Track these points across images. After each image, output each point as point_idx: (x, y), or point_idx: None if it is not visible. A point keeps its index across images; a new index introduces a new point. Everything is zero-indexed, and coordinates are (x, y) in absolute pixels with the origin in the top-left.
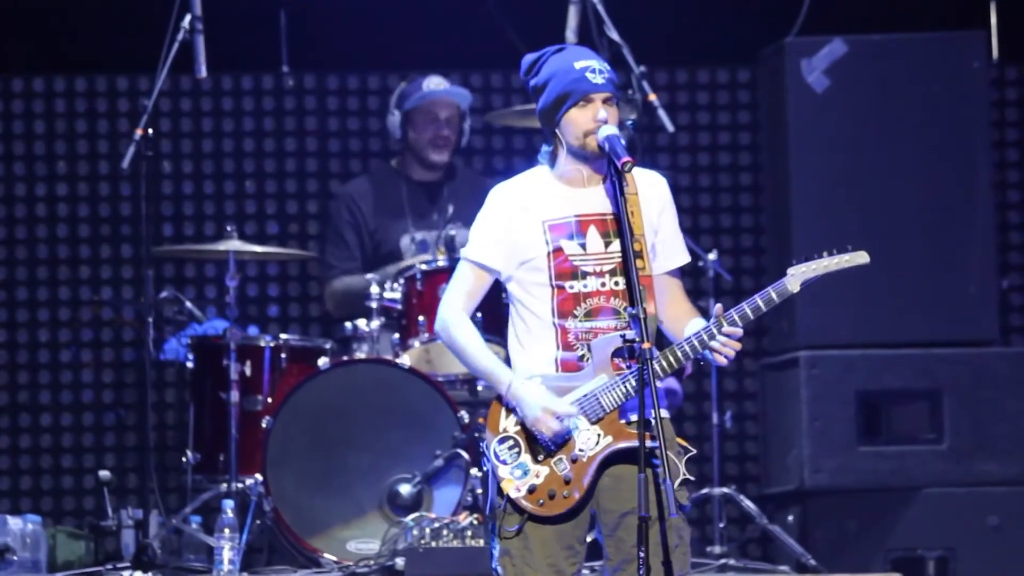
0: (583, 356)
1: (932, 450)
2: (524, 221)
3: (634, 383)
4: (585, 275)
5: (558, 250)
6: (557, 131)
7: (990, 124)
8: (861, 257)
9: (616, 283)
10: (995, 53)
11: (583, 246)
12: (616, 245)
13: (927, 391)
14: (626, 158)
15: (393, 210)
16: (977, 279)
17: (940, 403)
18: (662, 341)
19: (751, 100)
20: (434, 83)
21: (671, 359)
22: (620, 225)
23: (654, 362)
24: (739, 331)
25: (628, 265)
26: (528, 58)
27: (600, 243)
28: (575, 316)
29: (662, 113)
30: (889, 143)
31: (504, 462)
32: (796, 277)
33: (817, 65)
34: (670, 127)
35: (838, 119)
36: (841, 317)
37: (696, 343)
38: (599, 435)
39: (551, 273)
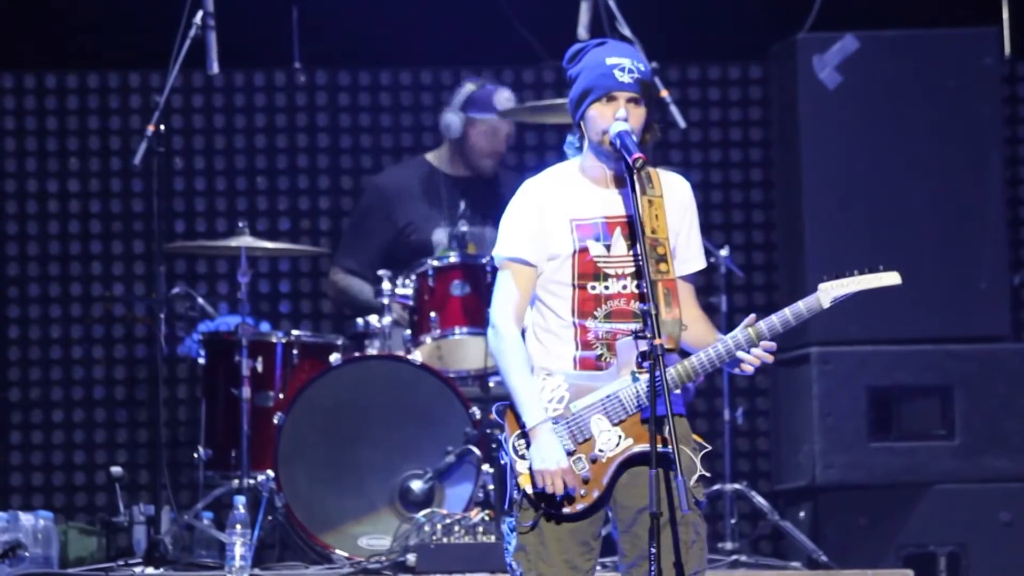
0: (601, 356)
1: (943, 446)
2: (553, 217)
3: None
4: (607, 277)
5: (583, 250)
6: (581, 124)
7: (1002, 120)
8: (892, 278)
9: (638, 286)
10: (1007, 49)
11: (608, 248)
12: (639, 247)
13: (938, 387)
14: (637, 154)
15: (428, 204)
16: (989, 275)
17: (951, 399)
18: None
19: (763, 96)
20: (505, 99)
21: (695, 365)
22: (632, 224)
23: (670, 368)
24: (774, 345)
25: (641, 263)
26: (572, 47)
27: (624, 246)
28: (595, 317)
29: (674, 109)
30: (901, 139)
31: (523, 457)
32: (827, 293)
33: (829, 61)
34: (681, 123)
35: (850, 115)
36: (852, 313)
37: (724, 352)
38: (620, 436)
39: (574, 272)
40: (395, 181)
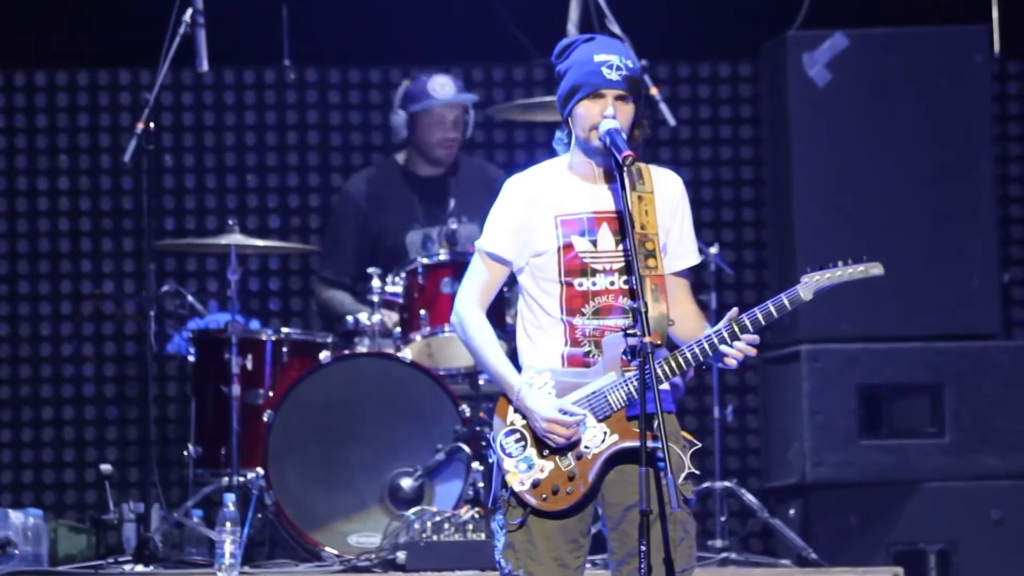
0: (589, 352)
1: (934, 444)
2: (537, 214)
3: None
4: (594, 272)
5: (568, 246)
6: (569, 121)
7: (992, 118)
8: (875, 268)
9: (626, 282)
10: (997, 47)
11: (594, 243)
12: (627, 243)
13: (929, 385)
14: (627, 152)
15: (399, 206)
16: (979, 273)
17: (942, 397)
18: (669, 343)
19: (753, 94)
20: (439, 85)
21: (680, 361)
22: (622, 220)
23: (659, 364)
24: (756, 338)
25: (630, 259)
26: (561, 43)
27: (611, 241)
28: (583, 314)
29: (664, 107)
30: (891, 137)
31: (510, 455)
32: (809, 285)
33: (819, 59)
34: (672, 121)
35: (840, 113)
36: (843, 310)
37: (707, 346)
38: (605, 433)
39: (560, 269)
40: (365, 186)
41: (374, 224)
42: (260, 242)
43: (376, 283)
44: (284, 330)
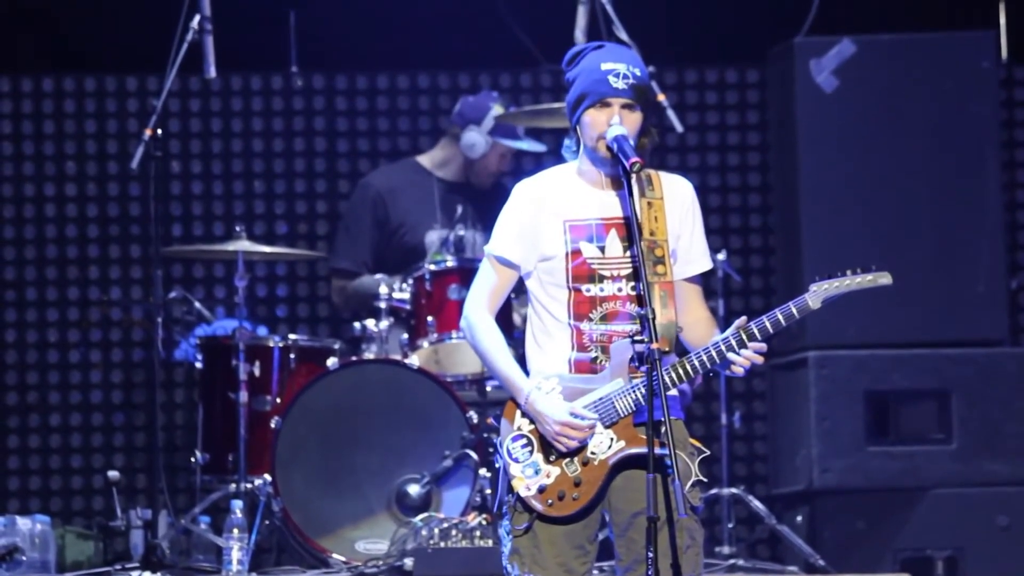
0: (596, 358)
1: (941, 450)
2: (546, 219)
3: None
4: (602, 279)
5: (576, 252)
6: (577, 128)
7: (999, 124)
8: (884, 278)
9: (633, 288)
10: (1004, 53)
11: (602, 249)
12: (635, 249)
13: (936, 391)
14: (634, 158)
15: (419, 205)
16: (986, 279)
17: (949, 403)
18: (679, 348)
19: (760, 100)
20: (522, 129)
21: (687, 368)
22: (629, 226)
23: (666, 370)
24: (764, 346)
25: (637, 265)
26: (571, 50)
27: (619, 247)
28: (591, 319)
29: (671, 113)
30: (898, 143)
31: (516, 460)
32: (818, 294)
33: (826, 65)
34: (679, 127)
35: (847, 119)
36: (850, 317)
37: (715, 354)
38: (612, 439)
39: (568, 275)
40: (387, 181)
41: (393, 218)
42: (267, 248)
43: (383, 290)
44: (291, 336)
